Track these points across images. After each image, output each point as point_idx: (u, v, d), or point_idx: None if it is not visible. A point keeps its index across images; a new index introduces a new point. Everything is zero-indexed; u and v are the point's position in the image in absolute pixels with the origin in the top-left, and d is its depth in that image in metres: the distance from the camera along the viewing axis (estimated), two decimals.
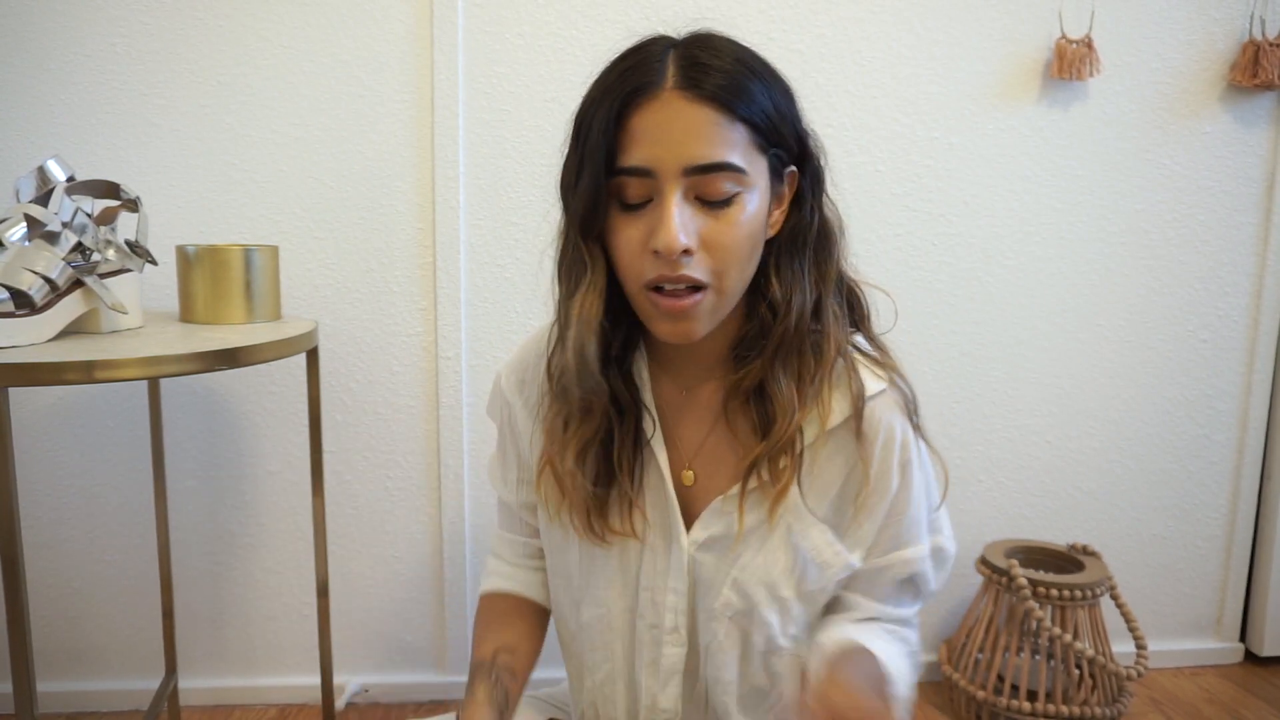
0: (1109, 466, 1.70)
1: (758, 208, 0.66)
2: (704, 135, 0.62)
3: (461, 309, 1.51)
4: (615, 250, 0.67)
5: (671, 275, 0.64)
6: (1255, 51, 1.56)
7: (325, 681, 1.32)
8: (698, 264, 0.64)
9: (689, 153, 0.62)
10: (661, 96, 0.63)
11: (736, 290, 0.68)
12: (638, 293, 0.68)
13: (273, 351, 1.05)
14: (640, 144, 0.63)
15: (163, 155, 1.44)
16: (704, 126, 0.62)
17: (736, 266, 0.66)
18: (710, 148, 0.62)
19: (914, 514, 0.74)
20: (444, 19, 1.44)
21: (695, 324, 0.67)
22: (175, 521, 1.51)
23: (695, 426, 0.76)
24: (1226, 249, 1.66)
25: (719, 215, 0.64)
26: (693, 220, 0.64)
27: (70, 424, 1.49)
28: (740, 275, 0.67)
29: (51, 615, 1.53)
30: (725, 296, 0.67)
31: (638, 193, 0.64)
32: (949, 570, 0.79)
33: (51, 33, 1.40)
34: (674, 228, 0.62)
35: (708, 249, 0.64)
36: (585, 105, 0.67)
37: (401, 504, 1.57)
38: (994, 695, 1.46)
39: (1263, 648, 1.75)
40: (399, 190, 1.49)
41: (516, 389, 0.82)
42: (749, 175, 0.64)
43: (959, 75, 1.55)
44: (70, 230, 0.99)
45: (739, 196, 0.64)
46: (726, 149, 0.63)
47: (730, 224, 0.64)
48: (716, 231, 0.64)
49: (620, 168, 0.64)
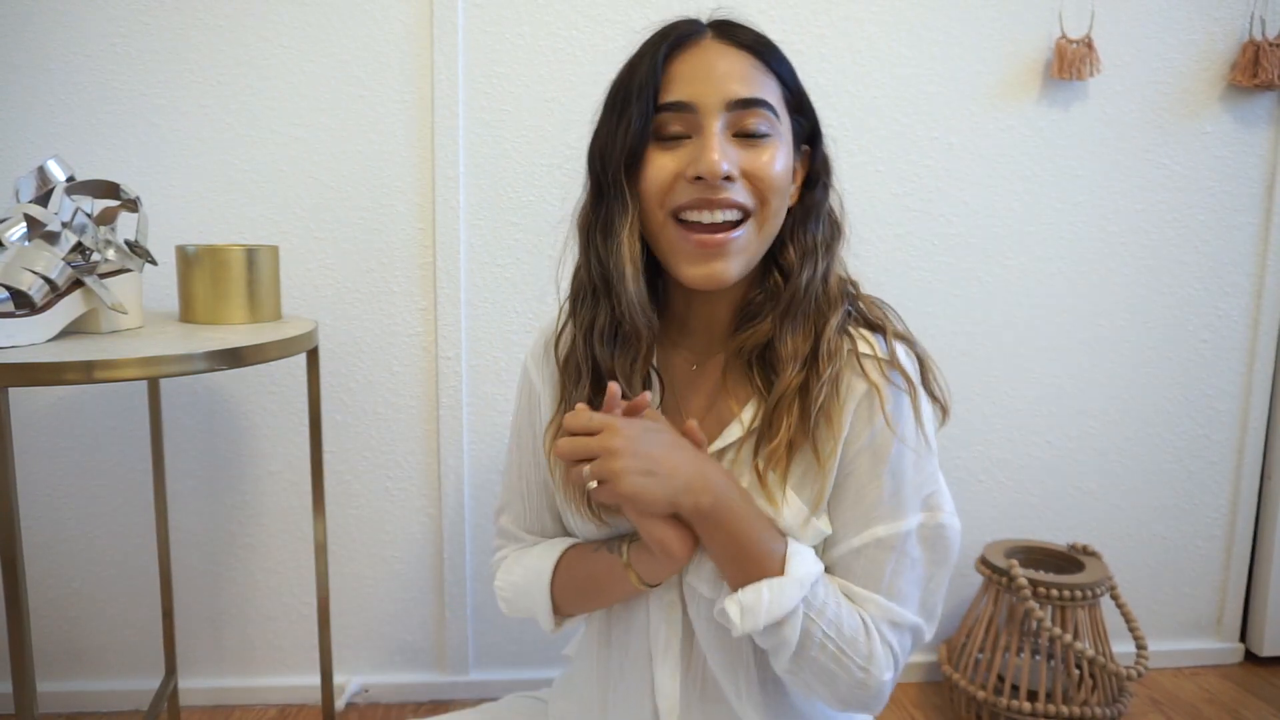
0: (1109, 466, 1.70)
1: (788, 158, 0.70)
2: (743, 74, 0.68)
3: (461, 309, 1.51)
4: (645, 183, 0.69)
5: (713, 199, 0.67)
6: (1255, 52, 1.56)
7: (325, 681, 1.32)
8: (739, 189, 0.68)
9: (730, 88, 0.67)
10: (702, 43, 0.69)
11: (771, 233, 0.71)
12: (664, 225, 0.69)
13: (273, 351, 1.05)
14: (683, 82, 0.68)
15: (163, 155, 1.44)
16: (743, 67, 0.69)
17: (777, 199, 0.69)
18: (749, 85, 0.68)
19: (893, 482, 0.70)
20: (444, 19, 1.44)
21: (729, 262, 0.68)
22: (175, 521, 1.51)
23: (700, 399, 0.77)
24: (1226, 249, 1.66)
25: (758, 149, 0.68)
26: (733, 152, 0.68)
27: (70, 424, 1.49)
28: (778, 212, 0.71)
29: (51, 615, 1.53)
30: (763, 235, 0.70)
31: (676, 128, 0.68)
32: (952, 552, 0.72)
33: (51, 33, 1.40)
34: (716, 152, 0.66)
35: (748, 179, 0.68)
36: (624, 68, 0.72)
37: (401, 504, 1.57)
38: (994, 695, 1.46)
39: (1263, 648, 1.75)
40: (399, 190, 1.49)
41: (540, 362, 0.83)
42: (781, 122, 0.70)
43: (959, 75, 1.55)
44: (70, 230, 0.99)
45: (772, 138, 0.69)
46: (766, 90, 0.69)
47: (770, 157, 0.68)
48: (756, 163, 0.68)
49: (664, 104, 0.68)
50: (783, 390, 0.70)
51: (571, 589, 0.79)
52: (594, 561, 0.78)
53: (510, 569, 0.85)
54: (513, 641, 1.62)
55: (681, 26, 0.70)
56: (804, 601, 0.67)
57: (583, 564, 0.79)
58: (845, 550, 0.72)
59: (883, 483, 0.70)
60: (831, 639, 0.68)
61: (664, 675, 0.77)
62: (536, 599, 0.81)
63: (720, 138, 0.67)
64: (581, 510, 0.76)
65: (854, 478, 0.71)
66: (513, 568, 0.85)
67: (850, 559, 0.71)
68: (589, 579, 0.78)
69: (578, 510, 0.77)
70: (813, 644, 0.67)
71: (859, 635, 0.68)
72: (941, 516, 0.72)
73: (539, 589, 0.80)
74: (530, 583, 0.81)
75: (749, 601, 0.66)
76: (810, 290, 0.72)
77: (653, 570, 0.73)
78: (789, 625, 0.66)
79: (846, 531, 0.72)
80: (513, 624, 1.61)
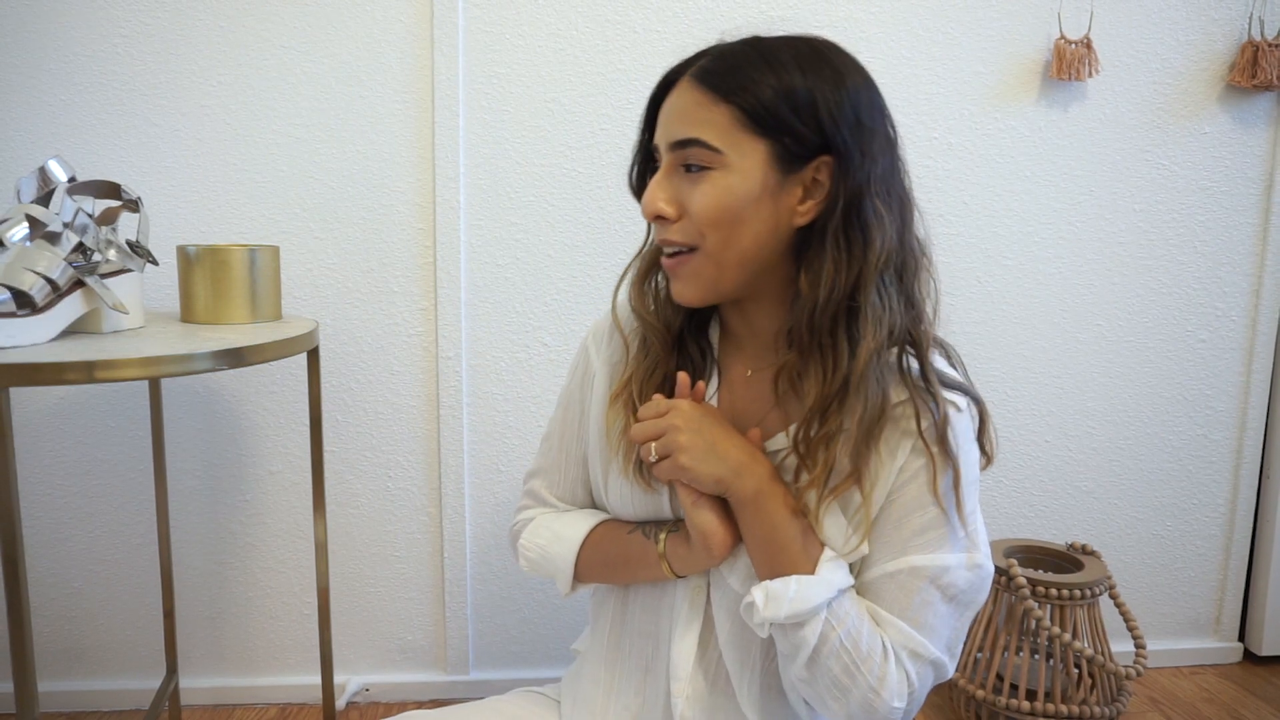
0: (1109, 466, 1.70)
1: (739, 187, 0.69)
2: (687, 114, 0.70)
3: (461, 309, 1.51)
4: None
5: (659, 239, 0.74)
6: (1254, 52, 1.56)
7: (325, 681, 1.32)
8: (679, 229, 0.71)
9: (674, 129, 0.71)
10: (679, 83, 0.72)
11: (728, 260, 0.71)
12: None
13: (273, 351, 1.05)
14: (659, 123, 0.74)
15: (163, 155, 1.44)
16: (689, 107, 0.70)
17: (715, 233, 0.70)
18: (687, 125, 0.70)
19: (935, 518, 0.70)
20: (444, 19, 1.44)
21: (684, 284, 0.73)
22: (175, 521, 1.51)
23: (754, 405, 0.78)
24: (1226, 249, 1.66)
25: (694, 185, 0.70)
26: (675, 188, 0.71)
27: (70, 424, 1.49)
28: (724, 243, 0.70)
29: (51, 615, 1.53)
30: (715, 261, 0.71)
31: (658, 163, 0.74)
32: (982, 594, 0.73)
33: (51, 33, 1.40)
34: (652, 194, 0.72)
35: (687, 215, 0.71)
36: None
37: (401, 504, 1.57)
38: (993, 695, 1.46)
39: (1261, 647, 1.76)
40: (399, 190, 1.49)
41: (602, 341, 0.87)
42: (725, 154, 0.69)
43: (959, 75, 1.55)
44: (71, 230, 0.99)
45: (710, 173, 0.69)
46: (700, 127, 0.69)
47: (701, 194, 0.69)
48: (691, 199, 0.70)
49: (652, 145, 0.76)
50: (806, 424, 0.70)
51: (598, 562, 0.83)
52: (627, 544, 0.81)
53: (538, 530, 0.87)
54: (513, 641, 1.62)
55: (677, 65, 0.74)
56: (828, 606, 0.68)
57: (615, 543, 0.82)
58: (879, 574, 0.72)
59: (926, 513, 0.71)
60: (848, 650, 0.68)
61: (680, 658, 0.78)
62: (560, 565, 0.84)
63: (665, 178, 0.72)
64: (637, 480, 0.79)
65: (898, 505, 0.71)
66: (540, 530, 0.87)
67: (883, 583, 0.71)
68: (620, 558, 0.81)
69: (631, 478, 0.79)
70: (829, 651, 0.68)
71: (875, 654, 0.69)
72: (979, 558, 0.72)
73: (565, 556, 0.84)
74: (558, 548, 0.85)
75: (776, 590, 0.68)
76: (819, 320, 0.69)
77: (687, 563, 0.76)
78: (809, 625, 0.67)
79: (882, 555, 0.72)
80: (513, 623, 1.61)
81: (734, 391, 0.79)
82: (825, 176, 0.70)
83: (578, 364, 0.89)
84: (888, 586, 0.71)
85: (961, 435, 0.72)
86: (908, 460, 0.71)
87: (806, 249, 0.71)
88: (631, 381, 0.80)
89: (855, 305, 0.69)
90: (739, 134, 0.68)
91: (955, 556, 0.70)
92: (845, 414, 0.69)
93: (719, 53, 0.72)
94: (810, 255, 0.70)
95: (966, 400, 0.74)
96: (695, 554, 0.75)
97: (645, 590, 0.82)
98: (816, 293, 0.69)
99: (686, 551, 0.76)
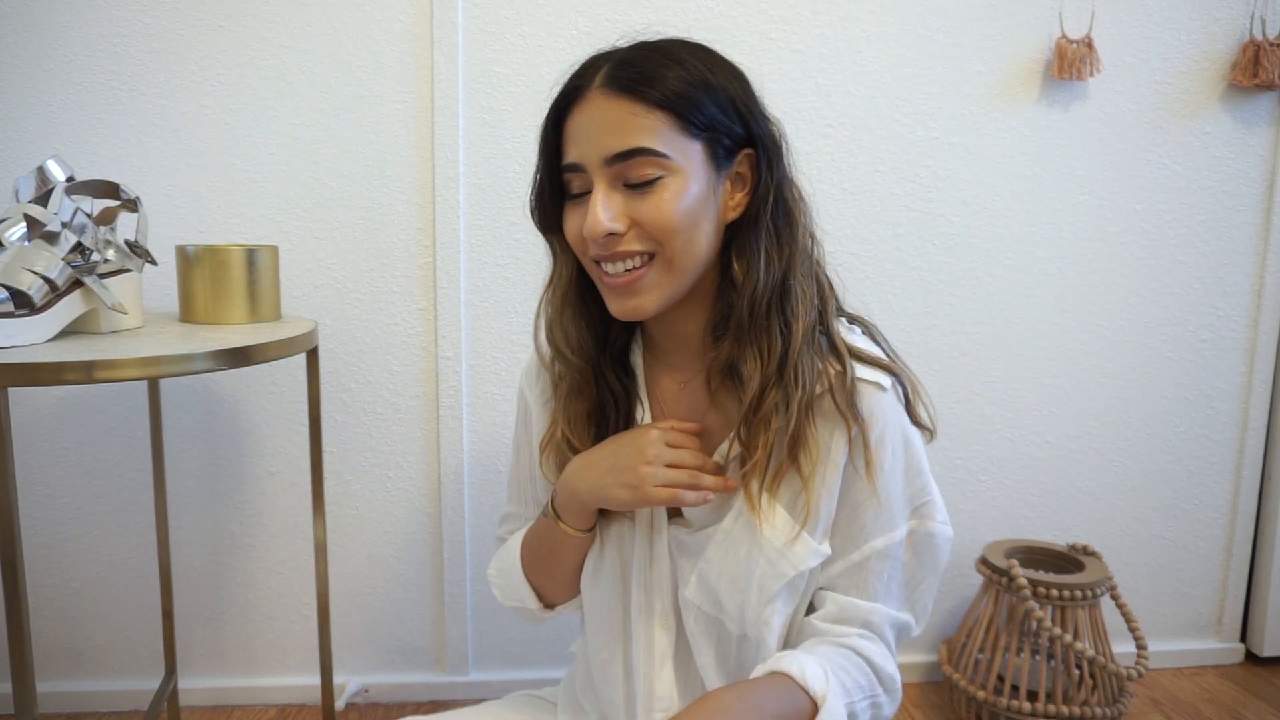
0: (1109, 466, 1.70)
1: (691, 190, 0.68)
2: (620, 125, 0.67)
3: (461, 309, 1.51)
4: (567, 238, 0.73)
5: (608, 254, 0.69)
6: (1255, 51, 1.56)
7: (325, 681, 1.32)
8: (633, 239, 0.68)
9: (606, 143, 0.67)
10: (588, 97, 0.68)
11: (686, 265, 0.70)
12: (591, 269, 0.72)
13: (273, 351, 1.05)
14: (573, 143, 0.70)
15: (163, 155, 1.44)
16: (620, 117, 0.67)
17: (675, 238, 0.68)
18: (625, 136, 0.66)
19: (884, 501, 0.73)
20: (444, 19, 1.44)
21: (642, 298, 0.70)
22: (175, 521, 1.51)
23: (694, 413, 0.78)
24: (1226, 249, 1.66)
25: (645, 196, 0.68)
26: (621, 204, 0.68)
27: (70, 424, 1.49)
28: (685, 248, 0.69)
29: (51, 615, 1.53)
30: (674, 267, 0.69)
31: (579, 186, 0.71)
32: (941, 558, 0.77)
33: (51, 33, 1.40)
34: (598, 215, 0.67)
35: (640, 227, 0.68)
36: (544, 119, 0.74)
37: (401, 504, 1.57)
38: (994, 695, 1.46)
39: (1263, 648, 1.75)
40: (399, 190, 1.49)
41: (533, 380, 0.86)
42: (672, 159, 0.67)
43: (959, 75, 1.55)
44: (70, 230, 0.99)
45: (663, 180, 0.67)
46: (642, 135, 0.66)
47: (658, 202, 0.67)
48: (644, 211, 0.68)
49: (563, 165, 0.71)
50: (747, 409, 0.71)
51: (532, 559, 0.84)
52: (538, 524, 0.83)
53: (498, 556, 0.90)
54: (513, 641, 1.62)
55: (572, 81, 0.70)
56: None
57: (533, 532, 0.84)
58: (845, 566, 0.75)
59: (877, 499, 0.73)
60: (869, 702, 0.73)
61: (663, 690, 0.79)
62: (515, 579, 0.85)
63: (604, 195, 0.68)
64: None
65: (848, 498, 0.74)
66: (498, 557, 0.90)
67: (852, 573, 0.75)
68: (538, 542, 0.83)
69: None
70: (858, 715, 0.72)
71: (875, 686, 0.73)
72: (932, 525, 0.76)
73: (515, 568, 0.85)
74: (508, 564, 0.86)
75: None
76: (759, 307, 0.70)
77: (569, 510, 0.77)
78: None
79: (846, 548, 0.75)
80: (513, 624, 1.61)
81: (668, 406, 0.79)
82: (747, 169, 0.72)
83: (518, 406, 0.90)
84: (859, 575, 0.75)
85: (891, 414, 0.73)
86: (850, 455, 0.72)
87: (736, 241, 0.72)
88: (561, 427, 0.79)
89: (787, 287, 0.71)
90: (677, 137, 0.67)
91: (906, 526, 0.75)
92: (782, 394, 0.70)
93: (620, 60, 0.68)
94: (742, 246, 0.71)
95: (890, 378, 0.74)
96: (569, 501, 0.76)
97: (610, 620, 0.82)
98: (755, 281, 0.70)
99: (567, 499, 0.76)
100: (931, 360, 1.62)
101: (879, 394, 0.72)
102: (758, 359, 0.70)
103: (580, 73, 0.70)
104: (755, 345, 0.71)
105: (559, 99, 0.71)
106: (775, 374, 0.70)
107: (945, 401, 1.63)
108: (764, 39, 1.49)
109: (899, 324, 1.59)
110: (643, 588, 0.79)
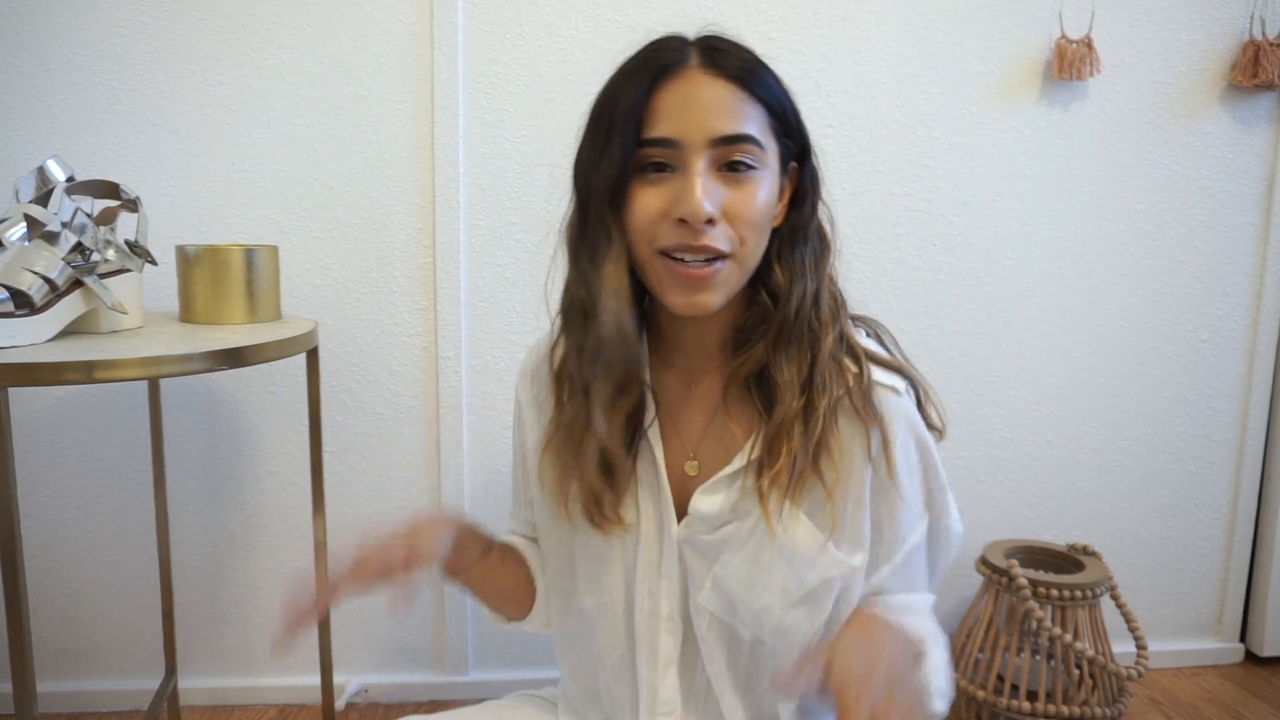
0: (1109, 466, 1.70)
1: (771, 188, 0.69)
2: (728, 108, 0.66)
3: (461, 309, 1.51)
4: (631, 218, 0.68)
5: (694, 244, 0.65)
6: (1255, 51, 1.56)
7: (325, 681, 1.32)
8: (720, 234, 0.66)
9: (714, 124, 0.65)
10: (686, 74, 0.66)
11: (751, 266, 0.70)
12: (650, 259, 0.68)
13: (273, 351, 1.05)
14: (667, 117, 0.66)
15: (163, 155, 1.44)
16: (730, 102, 0.66)
17: (755, 237, 0.68)
18: (734, 120, 0.65)
19: (908, 499, 0.75)
20: (444, 19, 1.44)
21: (712, 294, 0.68)
22: (175, 521, 1.51)
23: (699, 418, 0.77)
24: (1226, 249, 1.66)
25: (740, 186, 0.66)
26: (716, 190, 0.66)
27: (70, 424, 1.49)
28: (757, 248, 0.69)
29: (51, 615, 1.53)
30: (743, 269, 0.69)
31: (660, 162, 0.67)
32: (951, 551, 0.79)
33: (51, 33, 1.40)
34: (699, 196, 0.64)
35: (729, 219, 0.66)
36: (608, 89, 0.69)
37: (401, 504, 1.56)
38: (994, 695, 1.46)
39: (1263, 648, 1.75)
40: (399, 190, 1.49)
41: (526, 382, 0.84)
42: (766, 153, 0.68)
43: (959, 75, 1.55)
44: (70, 230, 0.99)
45: (757, 172, 0.67)
46: (749, 123, 0.66)
47: (751, 195, 0.66)
48: (738, 202, 0.66)
49: (647, 139, 0.66)
50: (782, 417, 0.70)
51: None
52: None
53: None
54: (513, 641, 1.62)
55: (666, 53, 0.67)
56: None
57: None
58: (891, 569, 0.76)
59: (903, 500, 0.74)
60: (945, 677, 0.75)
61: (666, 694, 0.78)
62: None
63: (704, 177, 0.65)
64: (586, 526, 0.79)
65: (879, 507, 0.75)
66: None
67: (900, 573, 0.77)
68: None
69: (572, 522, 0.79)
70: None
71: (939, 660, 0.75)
72: (947, 521, 0.78)
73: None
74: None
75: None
76: (801, 315, 0.71)
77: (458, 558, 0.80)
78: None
79: (889, 553, 0.76)
80: None
81: (672, 410, 0.78)
82: (790, 180, 0.73)
83: (514, 406, 0.89)
84: (903, 572, 0.76)
85: (910, 418, 0.74)
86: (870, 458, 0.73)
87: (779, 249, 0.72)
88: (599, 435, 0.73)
89: (820, 295, 0.72)
90: (769, 135, 0.68)
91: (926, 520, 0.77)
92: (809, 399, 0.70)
93: (712, 45, 0.68)
94: (785, 254, 0.72)
95: (904, 382, 0.75)
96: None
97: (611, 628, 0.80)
98: (799, 290, 0.71)
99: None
100: (931, 360, 1.62)
101: (894, 397, 0.73)
102: (793, 365, 0.71)
103: (669, 49, 0.67)
104: (790, 352, 0.71)
105: (654, 70, 0.66)
106: (807, 379, 0.71)
107: (945, 401, 1.61)
108: (764, 39, 1.49)
109: (899, 324, 1.57)
110: (648, 593, 0.77)
